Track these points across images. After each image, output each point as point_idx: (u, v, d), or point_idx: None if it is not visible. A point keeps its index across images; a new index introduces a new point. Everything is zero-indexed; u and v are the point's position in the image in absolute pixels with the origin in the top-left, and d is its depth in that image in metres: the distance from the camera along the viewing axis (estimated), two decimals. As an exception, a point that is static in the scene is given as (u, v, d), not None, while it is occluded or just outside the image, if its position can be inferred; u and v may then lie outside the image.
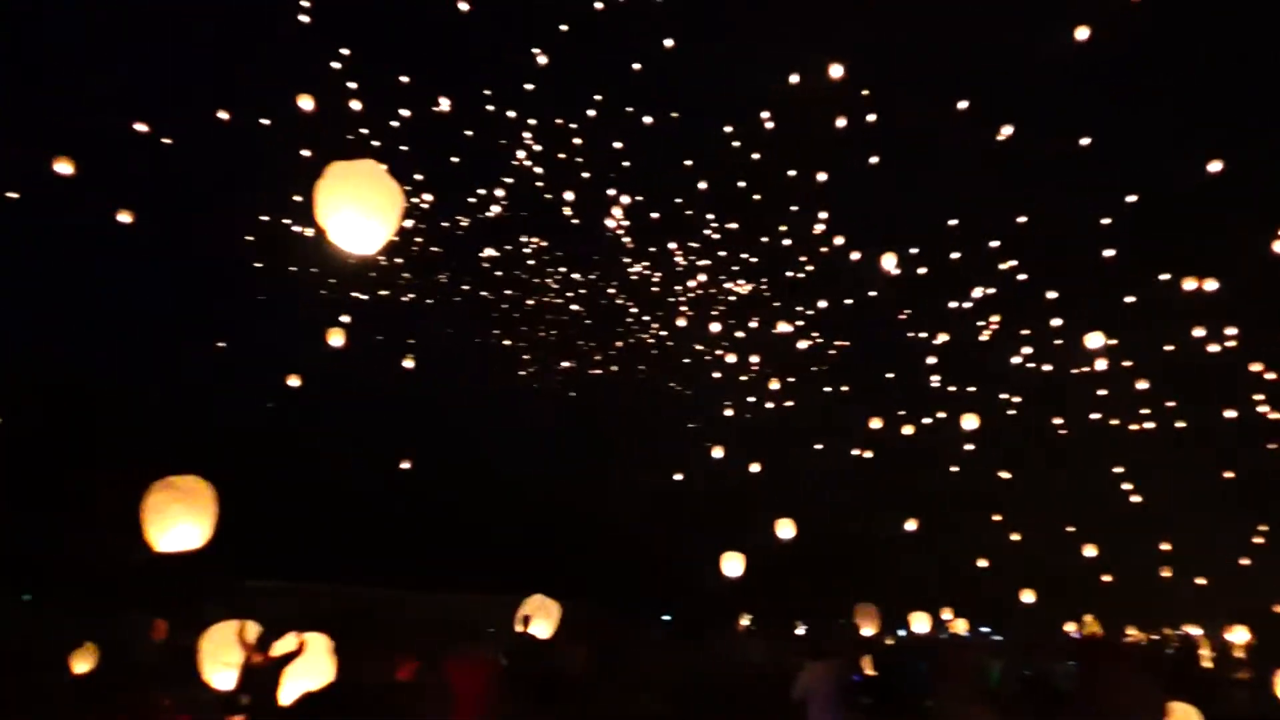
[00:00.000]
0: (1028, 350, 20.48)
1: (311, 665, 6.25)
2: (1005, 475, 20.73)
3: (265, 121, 19.25)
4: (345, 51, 18.75)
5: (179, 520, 5.97)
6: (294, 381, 17.92)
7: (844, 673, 7.80)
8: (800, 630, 19.06)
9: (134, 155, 18.54)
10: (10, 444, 17.37)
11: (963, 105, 19.72)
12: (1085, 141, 19.15)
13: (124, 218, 17.39)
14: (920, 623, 16.08)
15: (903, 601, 18.39)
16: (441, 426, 21.25)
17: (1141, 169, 21.59)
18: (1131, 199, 19.48)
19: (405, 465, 21.15)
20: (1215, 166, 15.44)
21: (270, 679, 5.93)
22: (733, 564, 13.39)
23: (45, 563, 16.13)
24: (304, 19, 18.07)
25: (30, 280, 19.18)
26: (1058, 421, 21.14)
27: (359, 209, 4.57)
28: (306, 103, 16.11)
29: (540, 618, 9.31)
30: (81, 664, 8.46)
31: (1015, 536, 21.01)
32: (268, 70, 18.20)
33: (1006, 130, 18.46)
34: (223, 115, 19.04)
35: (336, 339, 15.29)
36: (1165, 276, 17.42)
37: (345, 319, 16.15)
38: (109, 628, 9.65)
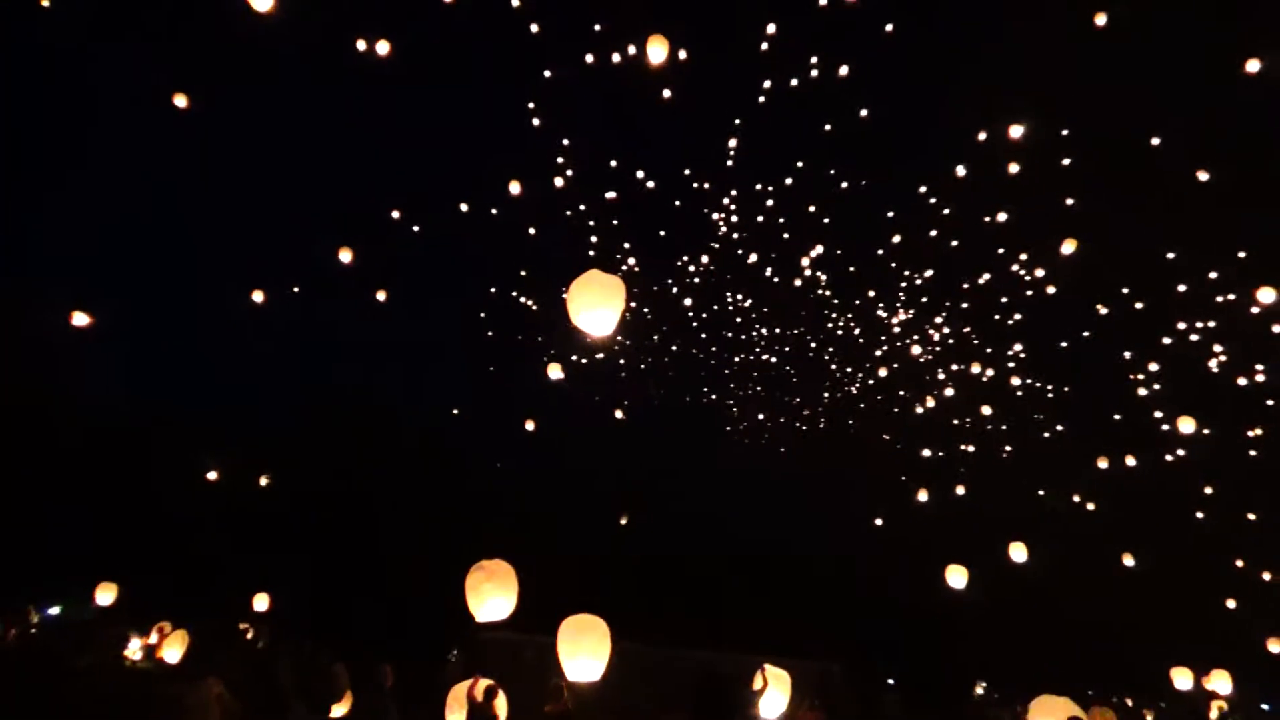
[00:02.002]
0: (1260, 379, 19.70)
1: None
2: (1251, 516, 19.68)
3: (494, 210, 21.51)
4: (565, 142, 20.88)
5: (491, 596, 6.93)
6: (529, 425, 19.38)
7: None
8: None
9: (391, 242, 21.00)
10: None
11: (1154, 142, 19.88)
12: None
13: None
14: (1182, 679, 14.91)
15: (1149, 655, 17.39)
16: (660, 480, 22.12)
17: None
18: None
19: (624, 520, 22.20)
20: None
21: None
22: (957, 576, 12.53)
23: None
24: (535, 121, 20.43)
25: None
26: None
27: (596, 306, 6.25)
28: (521, 188, 18.13)
29: (775, 686, 8.99)
30: (339, 706, 9.43)
31: (1266, 576, 19.74)
32: (498, 163, 20.39)
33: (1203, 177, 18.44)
34: (463, 206, 21.47)
35: (555, 372, 16.58)
36: None
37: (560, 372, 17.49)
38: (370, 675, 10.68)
